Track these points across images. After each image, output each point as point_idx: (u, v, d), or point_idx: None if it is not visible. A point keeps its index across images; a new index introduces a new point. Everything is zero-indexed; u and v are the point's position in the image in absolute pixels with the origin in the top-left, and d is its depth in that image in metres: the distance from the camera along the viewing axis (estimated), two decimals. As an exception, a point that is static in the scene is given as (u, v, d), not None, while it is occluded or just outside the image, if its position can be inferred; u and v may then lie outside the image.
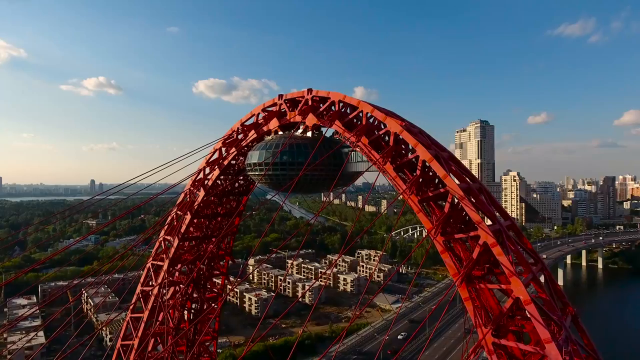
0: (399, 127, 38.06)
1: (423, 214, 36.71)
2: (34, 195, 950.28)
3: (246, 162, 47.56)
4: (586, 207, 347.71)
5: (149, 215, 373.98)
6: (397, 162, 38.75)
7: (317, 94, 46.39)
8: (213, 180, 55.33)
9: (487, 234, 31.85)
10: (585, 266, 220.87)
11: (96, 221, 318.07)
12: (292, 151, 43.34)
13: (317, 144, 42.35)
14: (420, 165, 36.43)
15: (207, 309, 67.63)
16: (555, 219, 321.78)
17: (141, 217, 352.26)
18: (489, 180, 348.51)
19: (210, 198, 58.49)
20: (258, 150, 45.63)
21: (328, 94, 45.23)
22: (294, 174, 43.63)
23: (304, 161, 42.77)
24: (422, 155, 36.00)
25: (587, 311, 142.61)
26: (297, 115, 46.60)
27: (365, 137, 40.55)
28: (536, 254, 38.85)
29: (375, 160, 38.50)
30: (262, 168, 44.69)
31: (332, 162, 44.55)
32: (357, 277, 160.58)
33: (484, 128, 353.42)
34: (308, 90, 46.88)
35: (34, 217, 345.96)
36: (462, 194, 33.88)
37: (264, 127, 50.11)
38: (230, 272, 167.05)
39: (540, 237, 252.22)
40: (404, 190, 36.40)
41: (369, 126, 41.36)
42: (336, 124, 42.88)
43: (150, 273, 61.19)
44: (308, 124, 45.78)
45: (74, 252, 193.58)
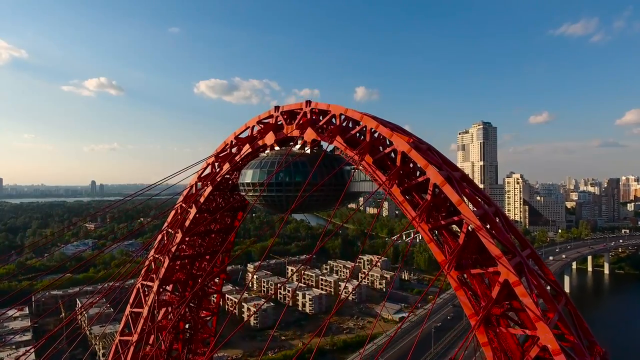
0: (407, 145, 34.39)
1: (435, 244, 33.01)
2: (34, 196, 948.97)
3: (239, 182, 43.84)
4: (590, 210, 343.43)
5: (148, 218, 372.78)
6: (404, 184, 35.09)
7: (316, 106, 42.70)
8: (205, 196, 51.70)
9: (508, 270, 28.30)
10: (592, 271, 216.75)
11: (95, 224, 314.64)
12: (289, 170, 39.64)
13: (317, 162, 38.58)
14: (431, 189, 32.83)
15: (201, 328, 64.20)
16: (559, 221, 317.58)
17: (140, 221, 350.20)
18: (491, 183, 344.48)
19: (203, 215, 54.94)
20: (252, 169, 41.89)
21: (328, 106, 41.52)
22: (291, 195, 39.99)
23: (302, 181, 39.10)
24: (433, 177, 32.34)
25: (595, 319, 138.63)
26: (294, 129, 42.93)
27: (370, 156, 36.89)
28: (558, 286, 35.32)
29: (381, 182, 34.82)
30: (257, 189, 40.99)
31: (333, 181, 40.87)
32: (358, 286, 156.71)
33: (486, 130, 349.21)
34: (307, 102, 43.19)
35: (32, 221, 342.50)
36: (479, 223, 30.32)
37: (259, 141, 46.40)
38: (229, 280, 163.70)
39: (545, 241, 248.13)
40: (414, 217, 32.72)
41: (373, 143, 37.72)
42: (337, 140, 39.18)
43: (140, 294, 57.65)
44: (307, 139, 42.07)
45: (70, 259, 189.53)
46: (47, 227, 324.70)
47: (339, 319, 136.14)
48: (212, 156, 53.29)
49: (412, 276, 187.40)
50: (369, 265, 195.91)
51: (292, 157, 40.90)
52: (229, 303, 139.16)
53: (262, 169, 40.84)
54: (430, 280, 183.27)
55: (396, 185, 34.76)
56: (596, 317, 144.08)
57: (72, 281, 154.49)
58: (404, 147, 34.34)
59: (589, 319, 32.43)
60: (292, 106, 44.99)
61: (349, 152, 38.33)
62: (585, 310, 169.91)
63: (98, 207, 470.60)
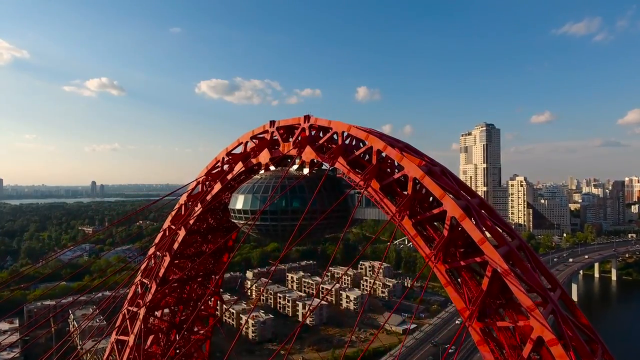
0: (419, 170, 29.97)
1: (453, 287, 28.68)
2: (35, 196, 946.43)
3: (229, 207, 39.40)
4: (595, 213, 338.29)
5: (147, 221, 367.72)
6: (417, 214, 30.67)
7: (315, 122, 38.29)
8: (195, 217, 47.35)
9: (543, 327, 24.38)
10: (598, 278, 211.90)
11: (92, 228, 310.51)
12: (286, 196, 35.17)
13: (318, 187, 34.09)
14: (448, 223, 28.42)
15: (195, 352, 59.89)
16: (563, 225, 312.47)
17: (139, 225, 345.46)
18: (495, 186, 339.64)
19: (194, 236, 50.63)
20: (243, 194, 37.41)
21: (329, 123, 37.08)
22: (288, 224, 35.61)
23: (301, 209, 34.70)
24: (451, 210, 27.92)
25: (604, 329, 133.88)
26: (291, 147, 38.54)
27: (376, 181, 32.50)
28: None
29: (391, 214, 30.42)
30: (249, 216, 36.55)
31: (335, 208, 36.52)
32: (360, 295, 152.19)
33: (489, 132, 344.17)
34: (305, 117, 38.78)
35: (30, 224, 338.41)
36: (506, 267, 26.06)
37: (253, 159, 42.04)
38: (227, 287, 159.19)
39: (550, 246, 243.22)
40: (429, 258, 28.34)
41: (380, 166, 33.31)
42: (340, 162, 34.77)
43: (126, 320, 53.33)
44: (305, 159, 37.67)
45: (65, 266, 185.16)
46: (45, 230, 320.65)
47: (340, 331, 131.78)
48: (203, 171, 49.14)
49: (415, 283, 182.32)
50: (371, 271, 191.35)
51: (289, 181, 36.45)
52: (226, 314, 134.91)
53: (254, 194, 36.40)
54: (434, 288, 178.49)
55: (407, 217, 30.40)
56: (605, 327, 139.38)
57: (66, 290, 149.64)
58: (416, 173, 29.96)
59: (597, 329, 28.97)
60: (289, 121, 40.60)
61: (352, 175, 33.97)
62: (593, 319, 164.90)
63: (98, 208, 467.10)
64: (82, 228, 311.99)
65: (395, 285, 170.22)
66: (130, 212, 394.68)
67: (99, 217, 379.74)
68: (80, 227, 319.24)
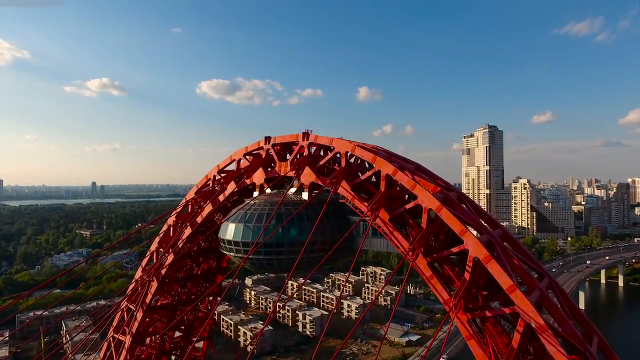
0: (435, 201, 25.96)
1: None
2: (35, 197, 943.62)
3: (219, 236, 35.31)
4: (599, 216, 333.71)
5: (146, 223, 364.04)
6: (433, 253, 26.60)
7: (316, 140, 34.26)
8: (184, 240, 43.33)
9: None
10: (605, 284, 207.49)
11: (90, 232, 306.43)
12: (283, 227, 31.03)
13: (319, 216, 29.97)
14: (470, 265, 24.37)
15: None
16: (567, 228, 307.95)
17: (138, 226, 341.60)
18: (497, 188, 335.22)
19: (183, 260, 46.63)
20: (234, 223, 33.24)
21: (331, 141, 33.04)
22: (284, 257, 31.56)
23: (299, 241, 30.62)
24: (475, 249, 23.95)
25: (613, 336, 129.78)
26: (289, 169, 34.52)
27: (386, 211, 28.46)
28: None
29: (405, 252, 26.38)
30: (240, 249, 32.46)
31: (337, 237, 32.46)
32: (362, 304, 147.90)
33: (492, 133, 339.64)
34: (304, 134, 34.75)
35: (27, 227, 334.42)
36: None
37: (247, 179, 38.01)
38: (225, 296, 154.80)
39: (555, 250, 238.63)
40: (450, 307, 24.25)
41: (390, 192, 29.29)
42: (343, 187, 30.75)
43: (111, 349, 49.36)
44: (304, 181, 33.66)
45: (60, 272, 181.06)
46: (43, 234, 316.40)
47: (340, 342, 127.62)
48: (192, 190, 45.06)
49: (418, 290, 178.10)
50: (372, 278, 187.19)
51: (286, 207, 32.33)
52: (224, 325, 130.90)
53: (246, 224, 32.24)
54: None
55: (422, 255, 26.35)
56: (615, 334, 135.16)
57: (60, 298, 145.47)
58: (431, 203, 25.93)
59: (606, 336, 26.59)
60: (286, 138, 36.59)
61: (358, 203, 29.93)
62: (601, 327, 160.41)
63: (96, 210, 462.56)
64: (79, 232, 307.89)
65: (397, 292, 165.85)
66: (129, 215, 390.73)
67: (97, 219, 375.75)
68: (78, 230, 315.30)
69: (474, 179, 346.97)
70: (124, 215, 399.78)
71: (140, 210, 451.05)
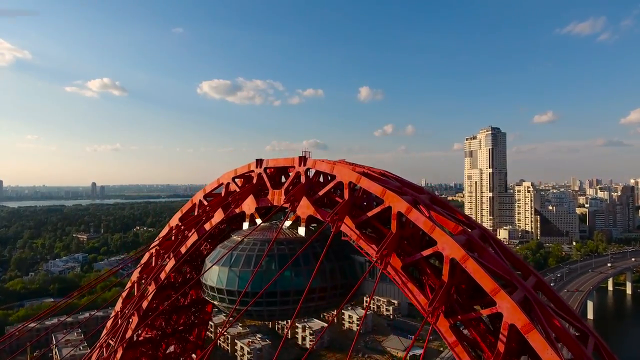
0: (460, 250, 21.22)
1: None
2: (34, 198, 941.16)
3: (202, 280, 30.55)
4: (604, 219, 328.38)
5: (145, 227, 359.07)
6: (457, 314, 21.86)
7: (314, 166, 29.48)
8: (167, 271, 38.67)
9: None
10: (612, 291, 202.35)
11: (87, 235, 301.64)
12: (273, 272, 26.29)
13: (320, 259, 25.19)
14: (505, 333, 19.66)
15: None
16: (572, 232, 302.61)
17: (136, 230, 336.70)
18: (500, 191, 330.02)
19: (167, 291, 41.97)
20: (218, 267, 28.45)
21: (332, 168, 28.23)
22: (277, 308, 26.85)
23: (293, 288, 25.98)
24: (512, 316, 19.15)
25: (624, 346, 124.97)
26: (283, 200, 29.77)
27: (398, 258, 23.74)
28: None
29: (422, 309, 21.73)
30: (225, 297, 27.73)
31: (340, 282, 27.77)
32: (364, 316, 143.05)
33: (495, 135, 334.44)
34: (301, 158, 29.98)
35: (24, 230, 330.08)
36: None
37: (235, 208, 33.27)
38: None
39: (561, 256, 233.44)
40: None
41: (403, 233, 24.53)
42: (347, 224, 26.01)
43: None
44: (300, 214, 28.95)
45: (54, 280, 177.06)
46: (40, 237, 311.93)
47: (342, 356, 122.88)
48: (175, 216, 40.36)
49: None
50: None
51: (279, 247, 27.62)
52: (220, 338, 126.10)
53: (232, 268, 27.49)
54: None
55: (443, 315, 21.61)
56: (625, 345, 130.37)
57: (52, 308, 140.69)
58: (457, 254, 21.22)
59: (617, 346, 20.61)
60: (280, 162, 31.80)
61: (365, 245, 25.19)
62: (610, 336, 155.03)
63: (95, 212, 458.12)
64: (76, 235, 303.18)
65: (400, 302, 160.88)
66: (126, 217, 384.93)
67: (95, 221, 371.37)
68: (75, 234, 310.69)
69: (476, 181, 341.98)
70: (122, 217, 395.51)
71: (139, 212, 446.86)
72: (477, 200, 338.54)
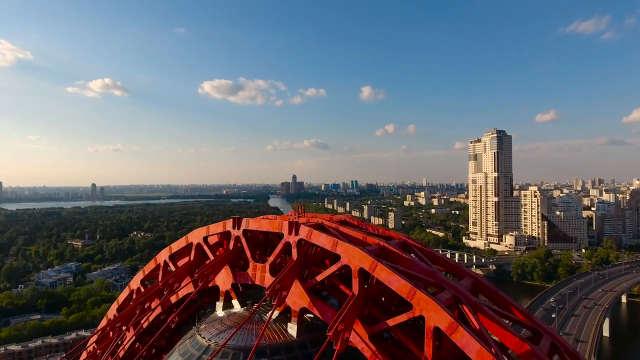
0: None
1: None
2: (34, 199, 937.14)
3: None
4: (613, 224, 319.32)
5: (142, 232, 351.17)
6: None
7: (310, 237, 21.25)
8: (126, 349, 30.58)
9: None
10: (626, 303, 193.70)
11: (82, 242, 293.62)
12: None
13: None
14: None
15: None
16: (580, 238, 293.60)
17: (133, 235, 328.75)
18: (506, 196, 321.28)
19: None
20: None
21: (335, 246, 20.02)
22: None
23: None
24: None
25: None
26: (267, 274, 21.71)
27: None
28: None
29: None
30: None
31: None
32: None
33: (500, 139, 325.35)
34: (291, 224, 21.76)
35: (19, 236, 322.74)
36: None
37: (206, 283, 25.13)
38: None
39: (571, 264, 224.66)
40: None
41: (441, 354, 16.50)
42: (357, 333, 17.88)
43: None
44: (291, 305, 20.82)
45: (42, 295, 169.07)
46: (34, 244, 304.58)
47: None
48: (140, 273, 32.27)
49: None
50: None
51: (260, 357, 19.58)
52: None
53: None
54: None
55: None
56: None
57: (38, 329, 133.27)
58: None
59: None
60: (264, 225, 23.57)
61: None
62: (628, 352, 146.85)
63: (92, 216, 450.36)
64: (71, 242, 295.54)
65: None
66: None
67: (92, 226, 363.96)
68: (70, 240, 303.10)
69: (481, 185, 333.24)
70: (119, 222, 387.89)
71: (137, 216, 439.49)
72: (481, 205, 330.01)
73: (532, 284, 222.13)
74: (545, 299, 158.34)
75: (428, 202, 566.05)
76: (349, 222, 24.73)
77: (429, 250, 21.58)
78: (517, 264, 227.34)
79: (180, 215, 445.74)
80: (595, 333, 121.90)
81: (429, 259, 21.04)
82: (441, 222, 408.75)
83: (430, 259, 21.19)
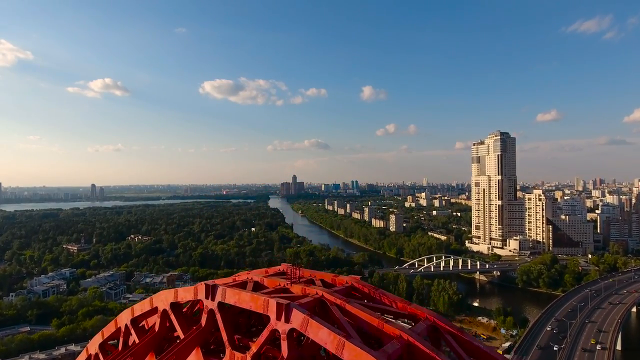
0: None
1: None
2: (34, 200, 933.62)
3: None
4: (619, 228, 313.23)
5: (139, 235, 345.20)
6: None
7: (306, 329, 15.40)
8: None
9: None
10: (636, 312, 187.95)
11: (78, 247, 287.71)
12: None
13: None
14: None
15: None
16: (586, 242, 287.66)
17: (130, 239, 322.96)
18: (510, 199, 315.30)
19: None
20: None
21: (340, 348, 14.33)
22: None
23: None
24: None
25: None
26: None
27: None
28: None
29: None
30: None
31: None
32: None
33: (504, 141, 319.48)
34: (280, 306, 15.94)
35: (14, 240, 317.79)
36: None
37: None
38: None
39: (578, 271, 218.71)
40: None
41: None
42: None
43: None
44: None
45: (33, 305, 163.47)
46: (29, 248, 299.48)
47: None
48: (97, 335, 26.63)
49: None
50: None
51: None
52: None
53: None
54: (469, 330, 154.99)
55: None
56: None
57: (27, 343, 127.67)
58: None
59: None
60: (246, 301, 17.65)
61: None
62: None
63: (90, 218, 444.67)
64: (66, 247, 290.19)
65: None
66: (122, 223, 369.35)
67: (89, 229, 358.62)
68: (66, 244, 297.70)
69: (484, 189, 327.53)
70: (116, 225, 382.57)
71: (135, 218, 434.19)
72: (485, 208, 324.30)
73: (537, 291, 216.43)
74: (556, 309, 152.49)
75: (429, 203, 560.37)
76: (357, 289, 19.15)
77: (466, 338, 16.01)
78: (523, 270, 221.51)
79: (179, 217, 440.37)
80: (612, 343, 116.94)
81: (466, 351, 15.55)
82: (443, 225, 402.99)
83: (468, 350, 15.70)
